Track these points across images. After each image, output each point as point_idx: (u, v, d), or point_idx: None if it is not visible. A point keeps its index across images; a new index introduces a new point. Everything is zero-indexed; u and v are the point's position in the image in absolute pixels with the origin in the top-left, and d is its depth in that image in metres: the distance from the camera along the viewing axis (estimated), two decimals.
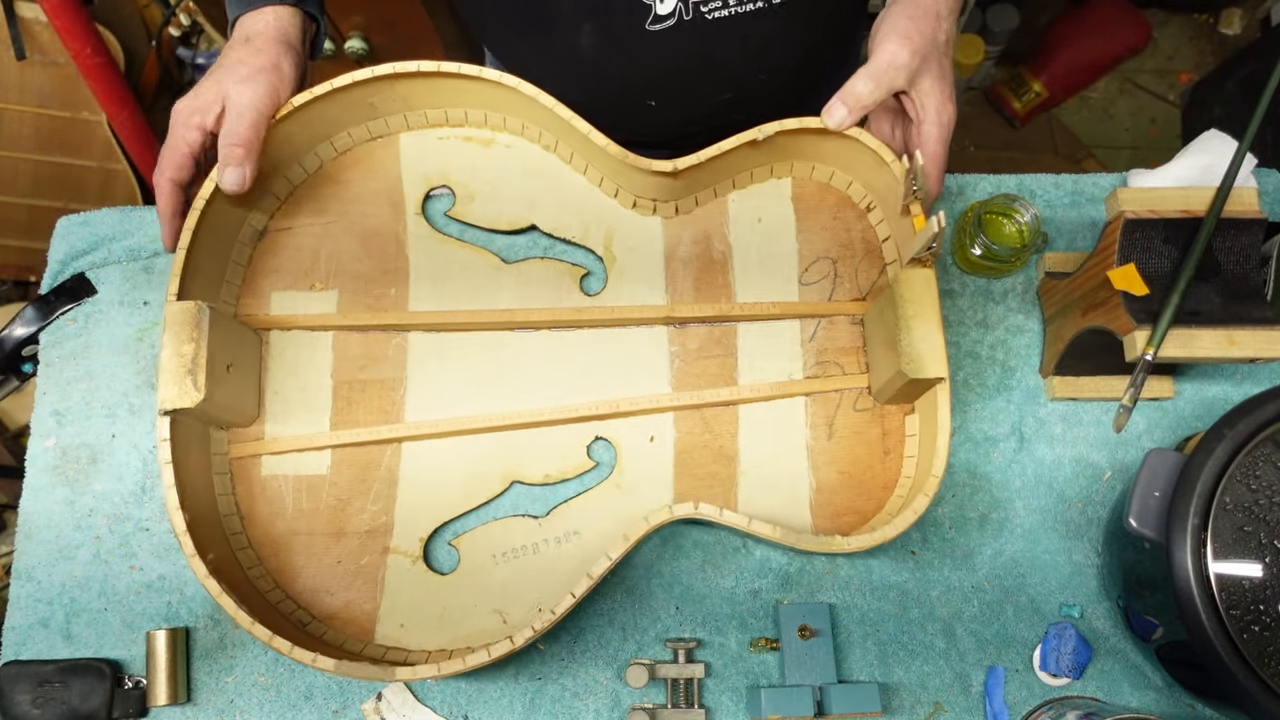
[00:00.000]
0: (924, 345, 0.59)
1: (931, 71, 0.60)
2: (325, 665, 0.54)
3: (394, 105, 0.69)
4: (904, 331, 0.59)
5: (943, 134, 0.61)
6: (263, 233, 0.69)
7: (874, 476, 0.65)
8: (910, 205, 0.61)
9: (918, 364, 0.58)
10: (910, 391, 0.62)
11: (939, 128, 0.61)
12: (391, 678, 0.54)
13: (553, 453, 0.66)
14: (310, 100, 0.64)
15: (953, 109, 0.61)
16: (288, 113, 0.64)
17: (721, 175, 0.68)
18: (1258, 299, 0.59)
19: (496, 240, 0.71)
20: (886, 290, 0.62)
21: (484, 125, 0.71)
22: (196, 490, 0.60)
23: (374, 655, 0.61)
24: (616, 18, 0.67)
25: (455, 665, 0.54)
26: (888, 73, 0.59)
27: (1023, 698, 0.64)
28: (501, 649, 0.55)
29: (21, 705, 0.62)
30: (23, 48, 1.28)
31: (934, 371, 0.58)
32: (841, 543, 0.57)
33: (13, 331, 0.69)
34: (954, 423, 0.70)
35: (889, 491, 0.65)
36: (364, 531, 0.64)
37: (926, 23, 0.60)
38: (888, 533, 0.57)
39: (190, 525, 0.56)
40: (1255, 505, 0.54)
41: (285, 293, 0.68)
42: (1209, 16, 1.96)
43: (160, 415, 0.57)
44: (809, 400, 0.67)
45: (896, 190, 0.63)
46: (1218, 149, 0.64)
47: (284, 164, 0.68)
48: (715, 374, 0.67)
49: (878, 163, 0.64)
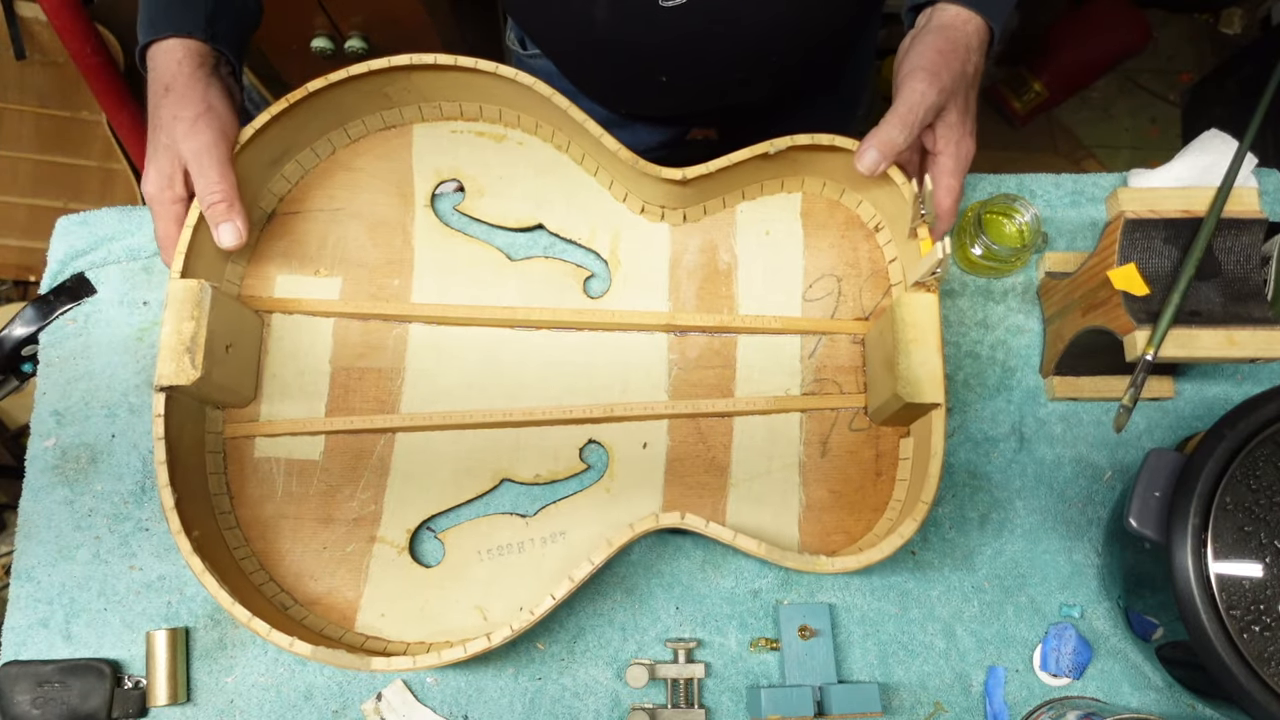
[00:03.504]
0: (922, 370, 0.58)
1: (957, 106, 0.59)
2: (302, 650, 0.54)
3: (409, 97, 0.69)
4: (902, 355, 0.59)
5: (958, 166, 0.60)
6: (271, 215, 0.69)
7: (865, 497, 0.65)
8: (917, 229, 0.61)
9: (914, 388, 0.58)
10: (906, 415, 0.62)
11: (955, 160, 0.60)
12: (367, 667, 0.54)
13: (545, 453, 0.66)
14: (326, 87, 0.64)
15: (971, 144, 0.61)
16: (303, 97, 0.64)
17: (732, 185, 0.68)
18: (1258, 299, 0.59)
19: (503, 237, 0.71)
20: (888, 312, 0.62)
21: (498, 121, 0.71)
22: (188, 469, 0.61)
23: (353, 643, 0.61)
24: None
25: (430, 659, 0.55)
26: (917, 113, 0.58)
27: (1023, 698, 0.64)
28: (478, 645, 0.55)
29: (21, 705, 0.62)
30: (23, 48, 1.28)
31: (930, 397, 0.58)
32: (826, 563, 0.57)
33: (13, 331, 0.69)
34: (954, 423, 0.70)
35: (879, 514, 0.64)
36: (352, 519, 0.64)
37: (956, 58, 0.59)
38: (873, 556, 0.57)
39: (179, 503, 0.57)
40: (1255, 505, 0.54)
41: (290, 276, 0.68)
42: (1209, 16, 1.96)
43: (156, 391, 0.58)
44: (805, 417, 0.67)
45: (905, 212, 0.62)
46: (1218, 149, 0.64)
47: (296, 148, 0.68)
48: (713, 384, 0.67)
49: (888, 184, 0.63)
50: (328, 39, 1.35)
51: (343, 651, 0.55)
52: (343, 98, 0.67)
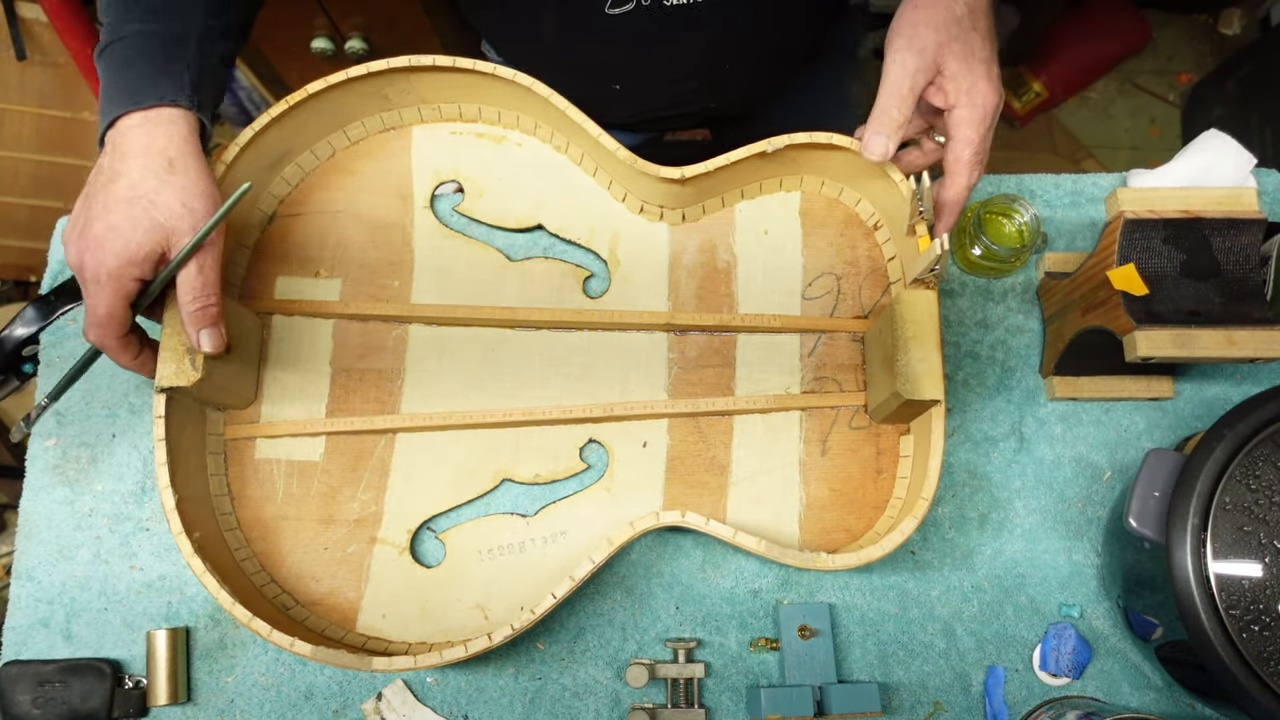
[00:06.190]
0: (921, 367, 0.58)
1: (955, 53, 0.54)
2: (303, 650, 0.54)
3: (408, 98, 0.69)
4: (901, 352, 0.59)
5: (975, 115, 0.55)
6: (271, 218, 0.69)
7: (866, 495, 0.65)
8: (915, 226, 0.61)
9: (914, 385, 0.58)
10: (906, 412, 0.62)
11: (970, 109, 0.55)
12: (368, 667, 0.54)
13: (545, 453, 0.66)
14: (325, 89, 0.65)
15: (989, 88, 0.55)
16: (302, 99, 0.64)
17: (730, 185, 0.68)
18: (1258, 299, 0.59)
19: (502, 238, 0.71)
20: (887, 309, 0.62)
21: (497, 123, 0.71)
22: (189, 470, 0.61)
23: (354, 644, 0.61)
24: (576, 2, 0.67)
25: (432, 659, 0.55)
26: (902, 84, 0.55)
27: (1023, 698, 0.64)
28: (479, 645, 0.55)
29: (21, 705, 0.62)
30: (23, 48, 1.28)
31: (930, 394, 0.58)
32: (826, 560, 0.57)
33: (13, 331, 0.69)
34: (953, 423, 0.70)
35: (880, 511, 0.64)
36: (353, 520, 0.64)
37: (936, 9, 0.55)
38: (873, 553, 0.57)
39: (180, 504, 0.57)
40: (1255, 505, 0.54)
41: (290, 278, 0.68)
42: (1209, 16, 1.96)
43: (156, 393, 0.58)
44: (805, 415, 0.66)
45: (904, 209, 0.62)
46: (1218, 149, 0.64)
47: (296, 150, 0.69)
48: (712, 383, 0.67)
49: (886, 181, 0.63)
50: (328, 40, 1.35)
51: (344, 652, 0.55)
52: (342, 99, 0.67)
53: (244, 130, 0.63)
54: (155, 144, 0.54)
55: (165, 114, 0.54)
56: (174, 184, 0.53)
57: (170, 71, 0.55)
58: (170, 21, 0.56)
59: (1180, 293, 0.60)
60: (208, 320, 0.55)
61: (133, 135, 0.54)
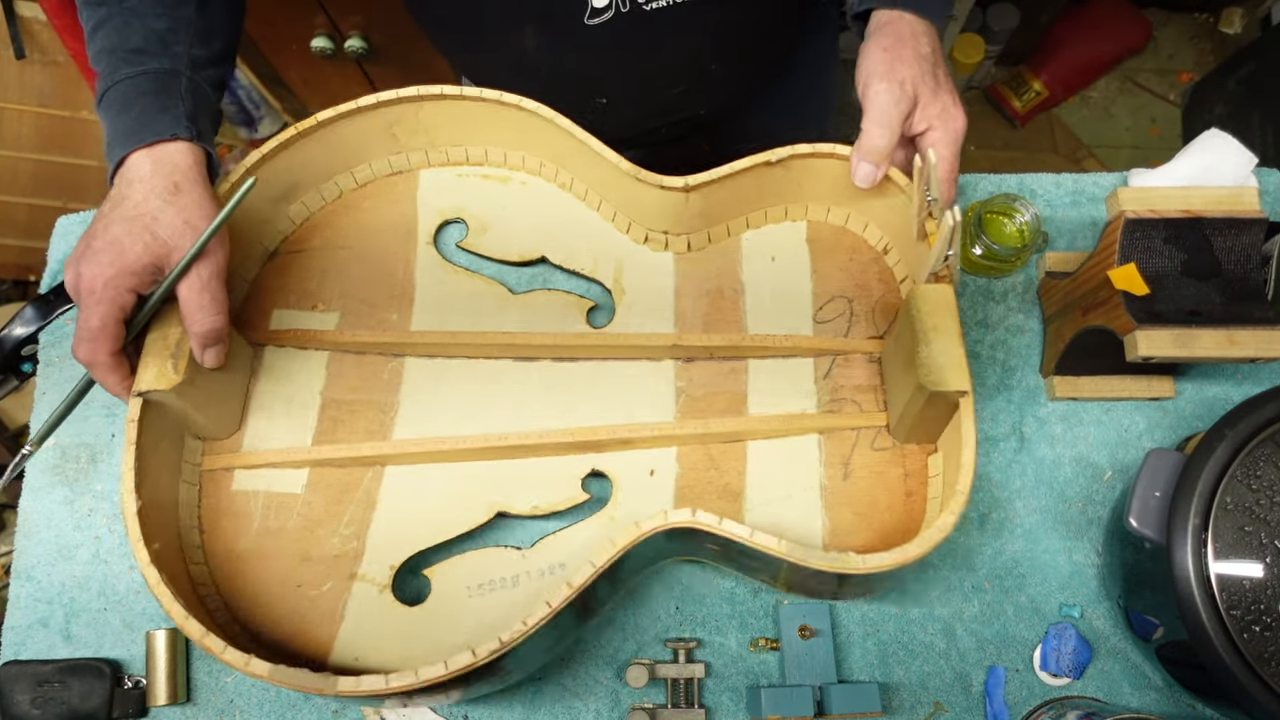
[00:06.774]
0: (944, 358, 0.56)
1: (926, 86, 0.59)
2: (259, 670, 0.49)
3: (416, 138, 0.69)
4: (923, 345, 0.56)
5: (949, 137, 0.59)
6: (274, 253, 0.69)
7: (894, 519, 0.61)
8: (925, 223, 0.60)
9: (938, 375, 0.55)
10: (931, 420, 0.59)
11: (944, 131, 0.59)
12: (333, 690, 0.49)
13: (544, 484, 0.62)
14: (334, 117, 0.64)
15: (958, 114, 0.60)
16: (312, 126, 0.63)
17: (735, 208, 0.67)
18: (1258, 299, 0.59)
19: (506, 272, 0.71)
20: (902, 312, 0.60)
21: (503, 164, 0.71)
22: (159, 486, 0.58)
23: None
24: (556, 15, 0.67)
25: (406, 679, 0.49)
26: (891, 111, 0.58)
27: (1023, 698, 0.64)
28: (462, 661, 0.50)
29: (21, 705, 0.62)
30: (23, 47, 1.28)
31: (955, 384, 0.55)
32: (857, 561, 0.53)
33: (13, 331, 0.69)
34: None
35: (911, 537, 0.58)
36: (332, 556, 0.60)
37: (904, 47, 0.59)
38: (910, 550, 0.53)
39: (142, 510, 0.53)
40: (1256, 505, 0.54)
41: (286, 311, 0.67)
42: (1209, 15, 1.96)
43: (133, 397, 0.55)
44: (823, 438, 0.63)
45: (912, 224, 0.61)
46: (1218, 148, 0.64)
47: (302, 187, 0.68)
48: (723, 410, 0.64)
49: (890, 197, 0.62)
50: (327, 39, 1.35)
51: (305, 671, 0.49)
52: (349, 132, 0.66)
53: (252, 152, 0.63)
54: (161, 170, 0.55)
55: (169, 148, 0.56)
56: (177, 204, 0.55)
57: (167, 107, 0.56)
58: (159, 59, 0.58)
59: (1181, 292, 0.60)
60: (212, 340, 0.56)
61: (138, 168, 0.55)
